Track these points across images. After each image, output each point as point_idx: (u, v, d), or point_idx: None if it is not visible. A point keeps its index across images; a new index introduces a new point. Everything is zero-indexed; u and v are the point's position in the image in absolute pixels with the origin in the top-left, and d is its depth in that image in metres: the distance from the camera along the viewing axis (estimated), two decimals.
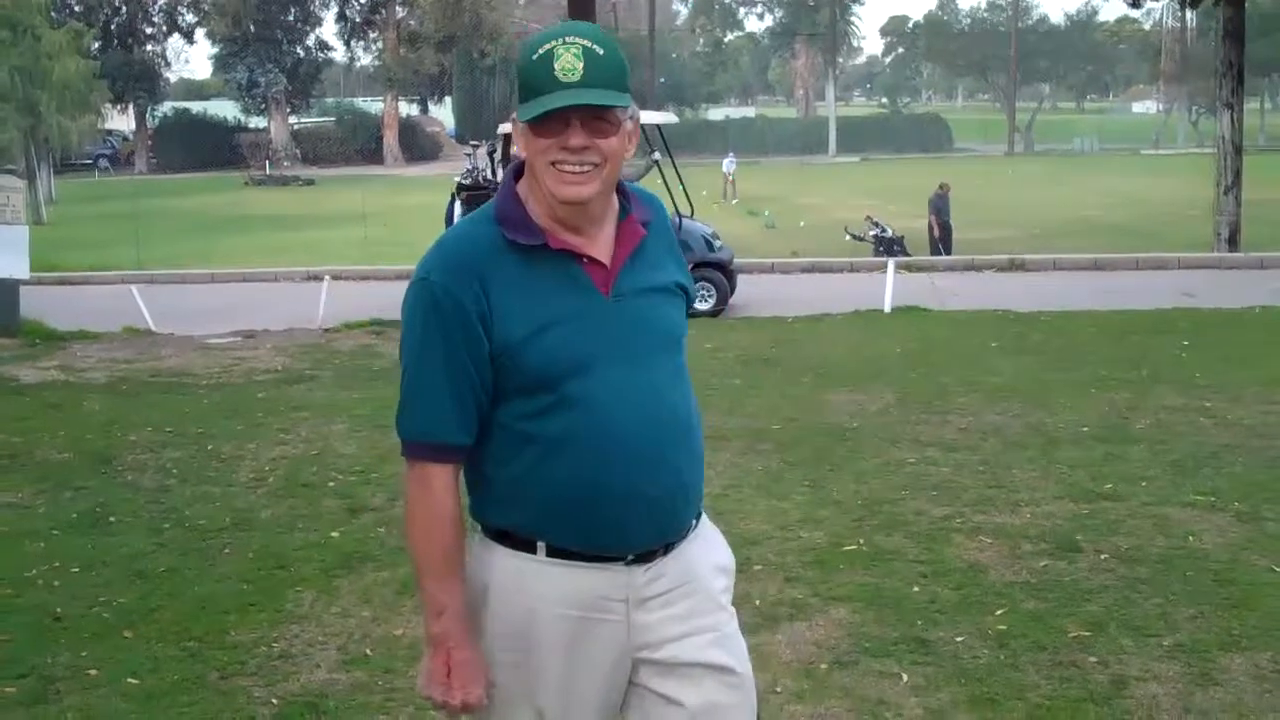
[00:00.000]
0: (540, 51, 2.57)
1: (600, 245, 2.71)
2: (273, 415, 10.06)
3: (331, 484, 8.07)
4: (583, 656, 2.75)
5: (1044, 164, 62.86)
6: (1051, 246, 21.39)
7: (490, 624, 2.79)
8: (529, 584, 2.74)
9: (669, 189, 15.84)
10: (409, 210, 31.77)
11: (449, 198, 16.52)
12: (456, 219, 15.92)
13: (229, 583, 6.32)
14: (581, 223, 2.69)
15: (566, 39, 2.58)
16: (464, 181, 16.31)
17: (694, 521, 2.85)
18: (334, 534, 7.03)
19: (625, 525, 2.70)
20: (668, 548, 2.78)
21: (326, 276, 16.31)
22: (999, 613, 5.64)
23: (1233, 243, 22.02)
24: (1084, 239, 24.13)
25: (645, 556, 2.75)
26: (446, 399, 2.67)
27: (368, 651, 5.46)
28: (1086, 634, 5.42)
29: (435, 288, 2.65)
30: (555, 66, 2.56)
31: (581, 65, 2.56)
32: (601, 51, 2.58)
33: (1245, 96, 23.79)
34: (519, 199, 2.72)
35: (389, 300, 16.36)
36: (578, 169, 2.61)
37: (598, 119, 2.60)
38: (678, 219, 15.86)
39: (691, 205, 16.22)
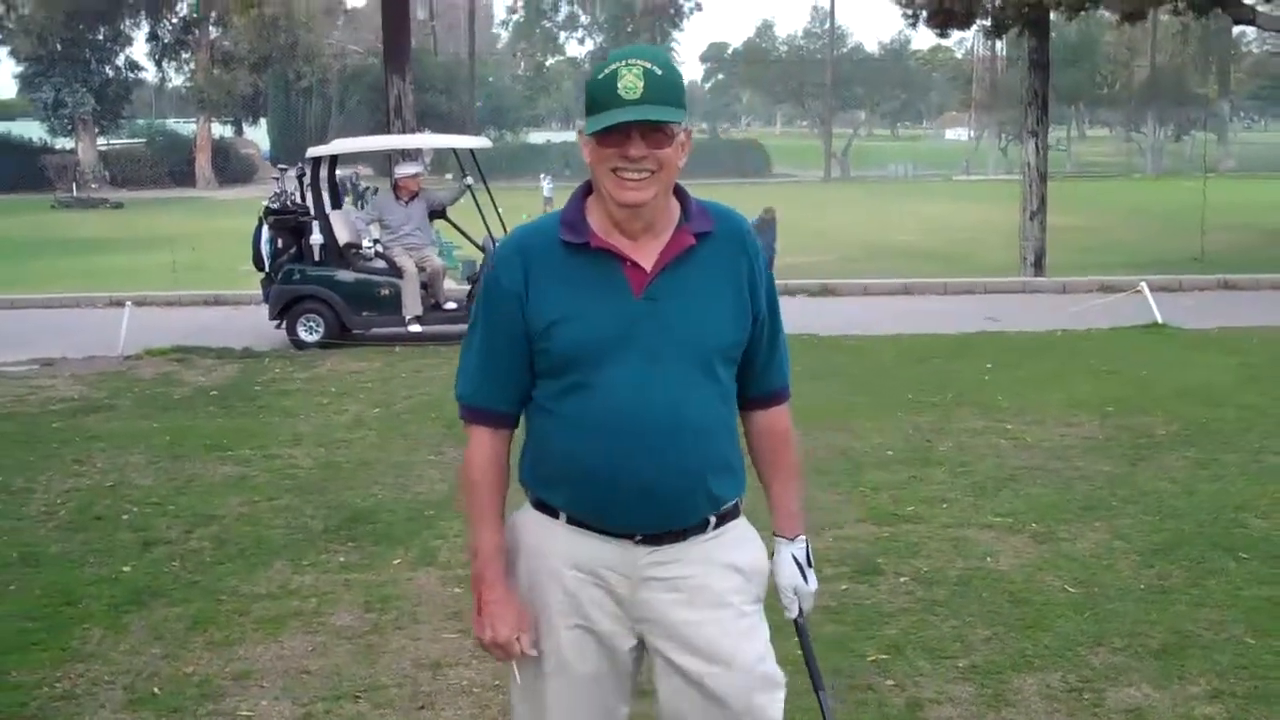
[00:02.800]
0: (606, 72, 2.88)
1: (647, 251, 2.98)
2: (67, 445, 9.72)
3: (126, 516, 7.84)
4: (582, 618, 3.06)
5: (859, 189, 63.99)
6: (863, 271, 21.73)
7: (518, 580, 3.12)
8: (550, 545, 3.08)
9: (482, 213, 15.74)
10: (219, 234, 31.25)
11: (256, 223, 16.12)
12: (264, 245, 15.65)
13: (12, 621, 6.09)
14: (636, 228, 2.97)
15: (629, 60, 2.87)
16: (272, 205, 15.86)
17: (711, 518, 3.07)
18: (125, 568, 6.83)
19: (624, 506, 2.98)
20: (680, 535, 3.04)
21: (128, 303, 15.83)
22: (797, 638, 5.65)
23: (1038, 267, 22.61)
24: (895, 263, 24.58)
25: (653, 539, 3.03)
26: (482, 368, 3.07)
27: (155, 690, 5.30)
28: (885, 657, 5.48)
29: (489, 272, 3.08)
30: (619, 85, 2.84)
31: (642, 84, 2.84)
32: (659, 71, 2.86)
33: (1052, 124, 24.46)
34: (582, 207, 3.03)
35: (193, 326, 16.19)
36: (637, 175, 2.89)
37: (655, 131, 2.87)
38: (491, 244, 15.75)
39: (505, 230, 16.05)
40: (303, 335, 15.24)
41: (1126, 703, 5.01)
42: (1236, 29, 69.43)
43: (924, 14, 23.91)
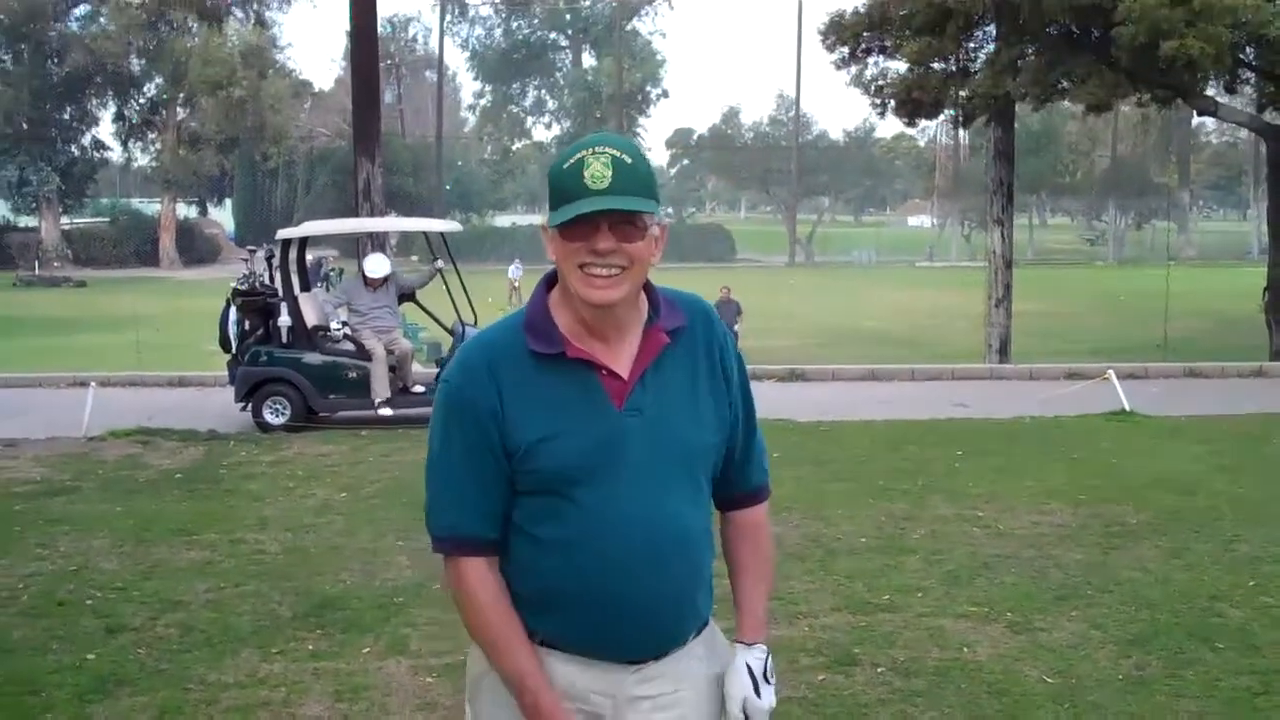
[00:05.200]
0: (571, 161, 2.69)
1: (622, 355, 2.80)
2: (30, 529, 9.58)
3: (90, 602, 7.70)
4: None
5: (824, 275, 64.30)
6: (830, 357, 21.77)
7: (485, 710, 2.91)
8: None
9: (452, 297, 15.71)
10: (183, 314, 31.12)
11: (224, 303, 16.05)
12: (232, 326, 15.55)
13: None
14: (607, 328, 2.79)
15: (596, 149, 2.69)
16: (240, 287, 15.78)
17: (694, 634, 2.93)
18: (90, 656, 6.70)
19: (618, 632, 2.80)
20: (661, 655, 2.86)
21: (92, 383, 15.71)
22: None
23: (1003, 353, 22.71)
24: (861, 348, 24.64)
25: (637, 660, 2.84)
26: (466, 495, 2.80)
27: None
28: None
29: (452, 389, 2.81)
30: (585, 174, 2.66)
31: (610, 173, 2.66)
32: (629, 160, 2.69)
33: (1015, 213, 24.67)
34: (546, 307, 2.83)
35: (158, 407, 16.05)
36: (606, 272, 2.70)
37: (626, 223, 2.70)
38: (460, 327, 15.73)
39: (475, 313, 16.09)
40: (269, 418, 15.11)
41: None
42: (1196, 120, 70.50)
43: (892, 104, 24.11)
